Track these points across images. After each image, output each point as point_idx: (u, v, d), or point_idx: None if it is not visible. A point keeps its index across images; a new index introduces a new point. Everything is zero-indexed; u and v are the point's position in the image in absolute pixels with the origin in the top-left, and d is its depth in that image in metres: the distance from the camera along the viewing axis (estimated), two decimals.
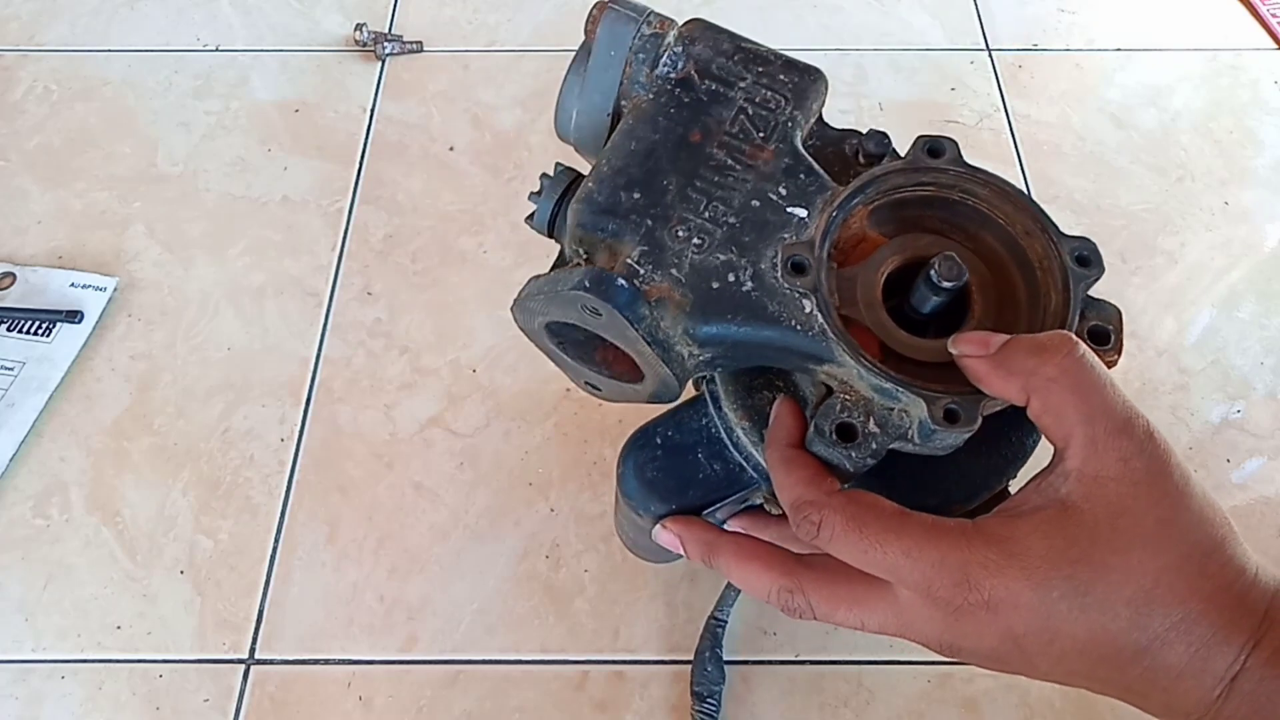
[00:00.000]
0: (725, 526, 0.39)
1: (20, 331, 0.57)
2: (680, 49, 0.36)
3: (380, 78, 0.70)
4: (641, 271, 0.32)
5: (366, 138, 0.67)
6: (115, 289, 0.59)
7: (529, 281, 0.33)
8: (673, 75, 0.35)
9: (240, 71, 0.70)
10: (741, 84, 0.35)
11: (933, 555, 0.27)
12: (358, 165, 0.66)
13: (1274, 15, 0.73)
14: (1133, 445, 0.27)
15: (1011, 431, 0.29)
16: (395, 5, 0.74)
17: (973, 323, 0.32)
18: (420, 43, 0.71)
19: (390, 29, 0.73)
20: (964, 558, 0.27)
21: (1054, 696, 0.46)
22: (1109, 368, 0.31)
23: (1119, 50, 0.72)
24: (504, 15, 0.74)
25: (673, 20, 0.36)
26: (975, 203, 0.33)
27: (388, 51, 0.71)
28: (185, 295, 0.60)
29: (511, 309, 0.35)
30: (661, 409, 0.37)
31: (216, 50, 0.72)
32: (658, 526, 0.36)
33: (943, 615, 0.28)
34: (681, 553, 0.35)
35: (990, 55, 0.72)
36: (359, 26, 0.71)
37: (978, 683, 0.47)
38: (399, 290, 0.60)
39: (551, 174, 0.36)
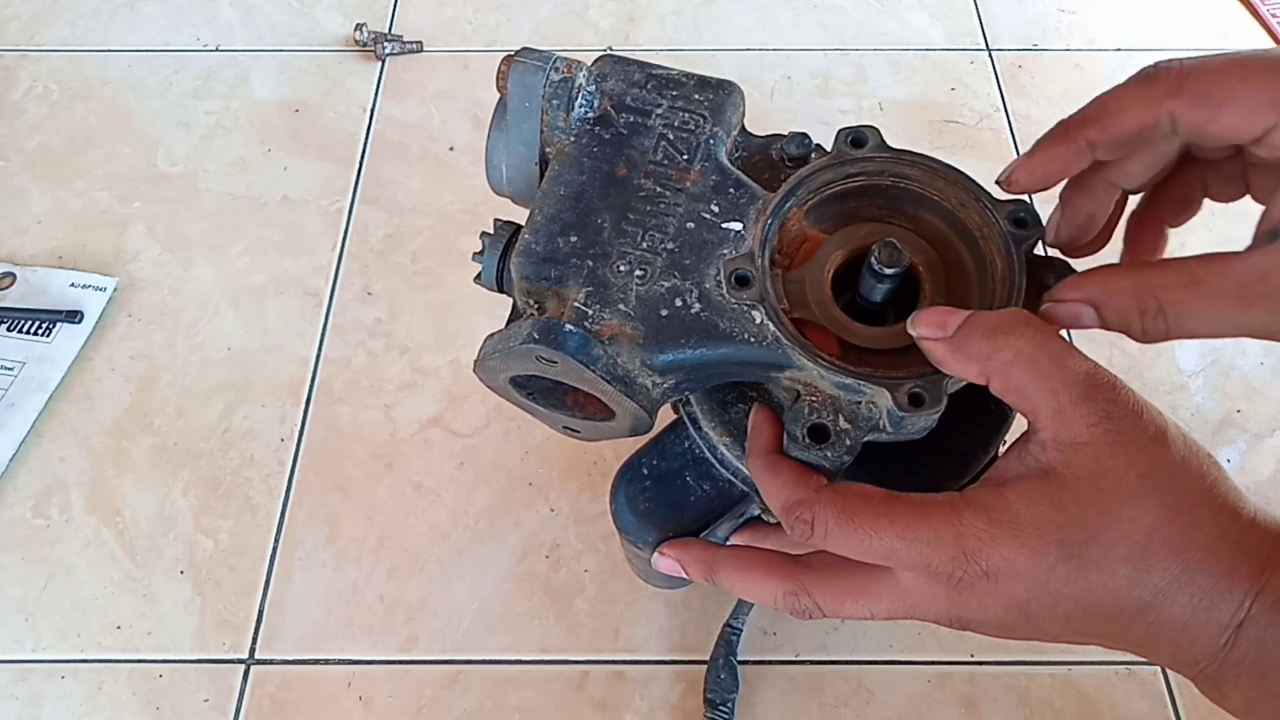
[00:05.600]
0: (729, 542, 0.39)
1: (20, 331, 0.57)
2: (593, 88, 0.36)
3: (380, 78, 0.70)
4: (590, 312, 0.32)
5: (366, 138, 0.67)
6: (115, 289, 0.59)
7: (486, 340, 0.34)
8: (590, 115, 0.36)
9: (240, 71, 0.71)
10: (658, 111, 0.36)
11: (926, 533, 0.28)
12: (358, 165, 0.66)
13: (1274, 15, 0.73)
14: (1098, 410, 0.27)
15: (991, 401, 0.30)
16: (395, 5, 0.74)
17: (925, 302, 0.32)
18: (420, 43, 0.72)
19: (390, 29, 0.73)
20: (956, 531, 0.27)
21: (1053, 696, 0.46)
22: None
23: (1119, 50, 0.72)
24: (504, 15, 0.74)
25: (579, 62, 0.36)
26: (908, 184, 0.34)
27: (388, 51, 0.71)
28: (185, 295, 0.60)
29: (474, 369, 0.35)
30: (645, 439, 0.37)
31: (216, 50, 0.72)
32: (655, 554, 0.36)
33: (946, 590, 0.28)
34: (684, 575, 0.36)
35: (990, 55, 0.72)
36: (359, 26, 0.71)
37: (978, 682, 0.47)
38: (399, 290, 0.60)
39: (491, 231, 0.36)
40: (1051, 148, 0.30)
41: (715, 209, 0.34)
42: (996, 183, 0.32)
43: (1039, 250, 0.33)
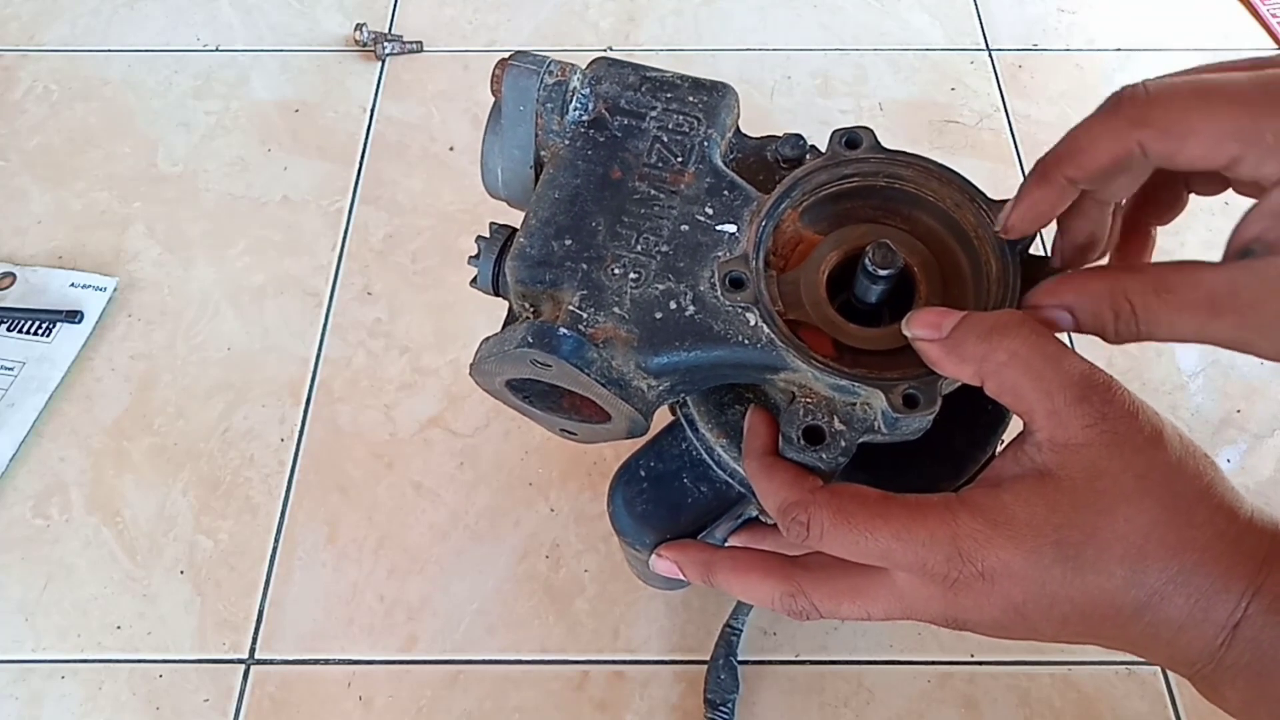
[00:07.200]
0: (727, 543, 0.39)
1: (20, 331, 0.57)
2: (587, 91, 0.36)
3: (380, 78, 0.70)
4: (584, 316, 0.32)
5: (366, 138, 0.67)
6: (115, 289, 0.59)
7: (481, 344, 0.34)
8: (584, 118, 0.36)
9: (240, 71, 0.71)
10: (652, 113, 0.36)
11: (921, 534, 0.28)
12: (358, 165, 0.66)
13: (1274, 15, 0.73)
14: (1093, 411, 0.27)
15: (987, 401, 0.30)
16: (395, 5, 0.74)
17: (920, 302, 0.32)
18: (420, 43, 0.72)
19: (390, 29, 0.73)
20: (952, 531, 0.27)
21: (1053, 696, 0.46)
22: None
23: (1119, 50, 0.72)
24: (504, 15, 0.74)
25: (573, 65, 0.36)
26: (902, 185, 0.34)
27: (388, 51, 0.71)
28: (185, 295, 0.60)
29: (470, 373, 0.35)
30: (642, 441, 0.37)
31: (216, 50, 0.72)
32: (653, 556, 0.36)
33: (942, 591, 0.28)
34: (682, 577, 0.36)
35: (990, 55, 0.72)
36: (359, 26, 0.71)
37: (978, 682, 0.47)
38: (399, 290, 0.60)
39: (487, 235, 0.36)
40: (1035, 191, 0.30)
41: (710, 211, 0.34)
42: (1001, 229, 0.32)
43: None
